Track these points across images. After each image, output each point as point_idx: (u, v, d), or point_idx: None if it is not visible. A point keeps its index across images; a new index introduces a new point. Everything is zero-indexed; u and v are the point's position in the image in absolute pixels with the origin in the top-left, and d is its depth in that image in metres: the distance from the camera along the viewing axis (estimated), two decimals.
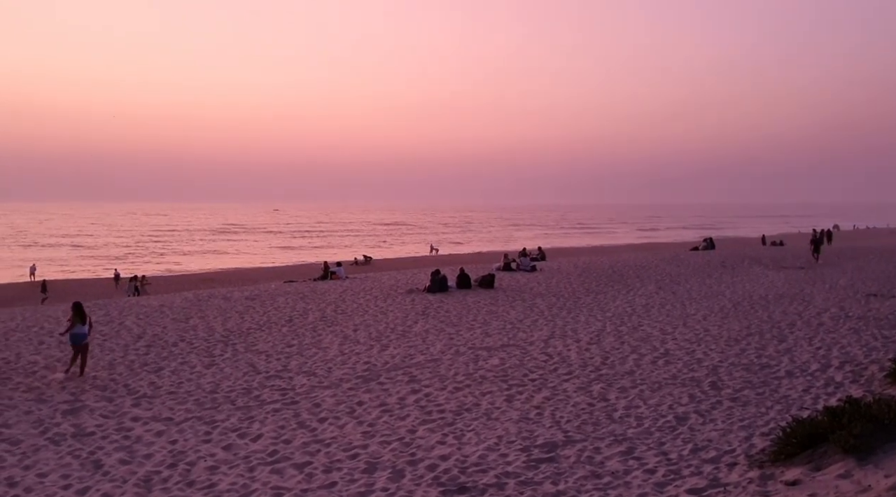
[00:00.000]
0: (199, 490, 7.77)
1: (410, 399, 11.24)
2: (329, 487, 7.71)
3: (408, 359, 14.30)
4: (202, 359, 14.79)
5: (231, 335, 17.38)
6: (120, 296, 34.83)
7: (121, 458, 8.85)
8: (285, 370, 13.61)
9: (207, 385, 12.60)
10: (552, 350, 14.83)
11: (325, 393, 11.81)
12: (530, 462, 8.27)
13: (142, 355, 15.22)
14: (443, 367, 13.41)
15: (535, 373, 12.83)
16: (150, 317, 20.17)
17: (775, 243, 52.28)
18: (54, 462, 8.79)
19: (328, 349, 15.50)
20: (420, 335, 16.90)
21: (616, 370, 12.92)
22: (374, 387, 12.13)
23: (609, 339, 16.00)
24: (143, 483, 8.03)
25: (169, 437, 9.70)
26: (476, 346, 15.49)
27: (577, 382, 12.06)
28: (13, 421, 10.58)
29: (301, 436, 9.57)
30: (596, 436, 9.19)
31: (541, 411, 10.38)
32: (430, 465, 8.26)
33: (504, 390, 11.62)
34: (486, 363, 13.70)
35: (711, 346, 14.93)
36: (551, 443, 8.93)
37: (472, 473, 7.95)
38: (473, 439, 9.16)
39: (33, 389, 12.43)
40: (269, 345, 16.15)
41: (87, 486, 7.95)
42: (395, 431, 9.60)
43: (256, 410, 10.91)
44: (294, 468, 8.34)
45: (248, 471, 8.32)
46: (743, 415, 9.90)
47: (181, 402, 11.48)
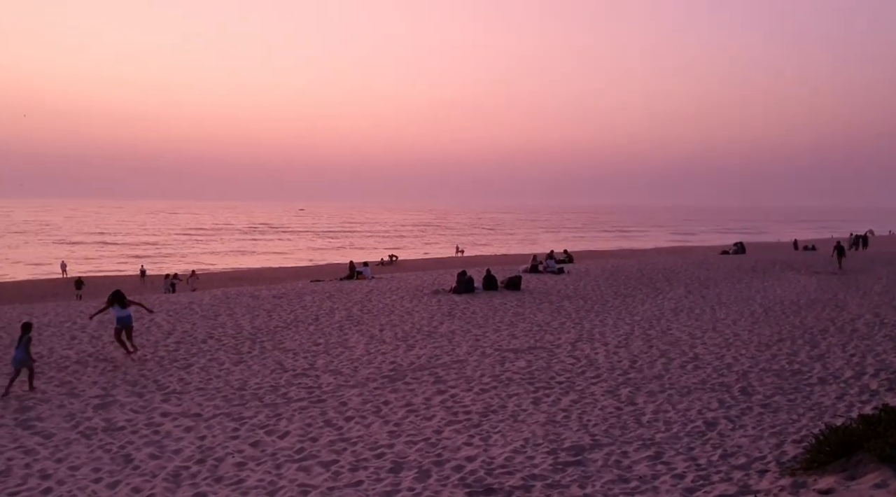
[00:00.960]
0: (227, 486, 7.83)
1: (436, 400, 11.23)
2: (355, 486, 7.72)
3: (434, 359, 14.29)
4: (230, 356, 14.92)
5: (259, 333, 17.51)
6: (147, 292, 35.31)
7: (150, 453, 8.95)
8: (312, 368, 13.68)
9: (235, 382, 12.70)
10: (579, 353, 14.73)
11: (352, 392, 11.84)
12: (557, 465, 8.21)
13: (171, 351, 15.39)
14: (469, 369, 13.38)
15: (562, 375, 12.74)
16: (179, 313, 20.40)
17: (807, 248, 51.46)
18: (86, 455, 8.92)
19: (354, 348, 15.55)
20: (446, 336, 16.89)
21: (644, 374, 12.79)
22: (399, 387, 12.13)
23: (637, 342, 15.85)
24: (172, 478, 8.11)
25: (198, 432, 9.79)
26: (502, 347, 15.43)
27: (605, 386, 11.95)
28: (46, 415, 10.75)
29: (327, 434, 9.60)
30: (624, 440, 9.09)
31: (568, 414, 10.31)
32: (456, 465, 8.24)
33: (531, 392, 11.56)
34: (512, 365, 13.64)
35: (742, 351, 14.72)
36: (578, 446, 8.86)
37: (499, 475, 7.91)
38: (500, 441, 9.11)
39: (65, 384, 12.63)
40: (296, 343, 16.25)
41: (118, 480, 8.05)
42: (421, 432, 9.59)
43: (283, 408, 10.97)
44: (321, 466, 8.36)
45: (275, 468, 8.36)
46: (774, 421, 9.74)
47: (210, 399, 11.58)
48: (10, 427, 10.14)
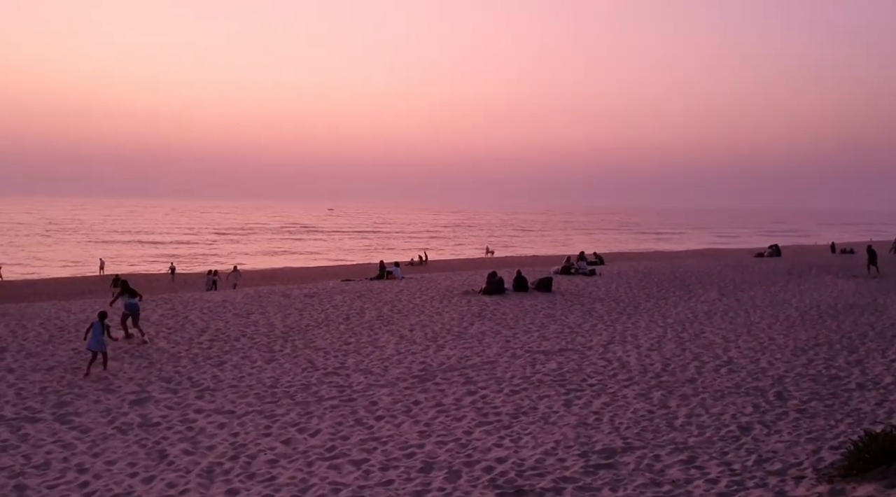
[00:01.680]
0: (259, 482, 7.91)
1: (466, 400, 11.22)
2: (386, 485, 7.74)
3: (464, 360, 14.28)
4: (263, 354, 15.07)
5: (290, 332, 17.66)
6: (181, 290, 35.80)
7: (184, 449, 9.08)
8: (343, 367, 13.75)
9: (268, 380, 12.82)
10: (611, 355, 14.61)
11: (382, 391, 11.88)
12: (588, 467, 8.15)
13: (205, 349, 15.59)
14: (499, 370, 13.35)
15: (593, 378, 12.65)
16: (213, 312, 20.65)
17: (845, 251, 50.43)
18: (121, 451, 9.07)
19: (384, 348, 15.60)
20: (476, 337, 16.87)
21: (677, 377, 12.64)
22: (430, 387, 12.14)
23: (670, 345, 15.67)
24: (206, 474, 8.21)
25: (231, 429, 9.91)
26: (533, 349, 15.37)
27: (637, 389, 11.84)
28: (83, 410, 10.96)
29: (358, 433, 9.65)
30: (656, 443, 9.00)
31: (599, 417, 10.23)
32: (486, 466, 8.22)
33: (562, 395, 11.49)
34: (543, 367, 13.57)
35: (777, 355, 14.48)
36: (610, 449, 8.78)
37: (530, 477, 7.88)
38: (531, 443, 9.08)
39: (102, 379, 12.86)
40: (326, 342, 16.35)
41: (153, 476, 8.18)
42: (452, 432, 9.59)
43: (315, 406, 11.05)
44: (351, 464, 8.41)
45: (306, 465, 8.43)
46: (811, 427, 9.56)
47: (242, 396, 11.71)
48: (48, 421, 10.35)
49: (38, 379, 12.85)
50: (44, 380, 12.80)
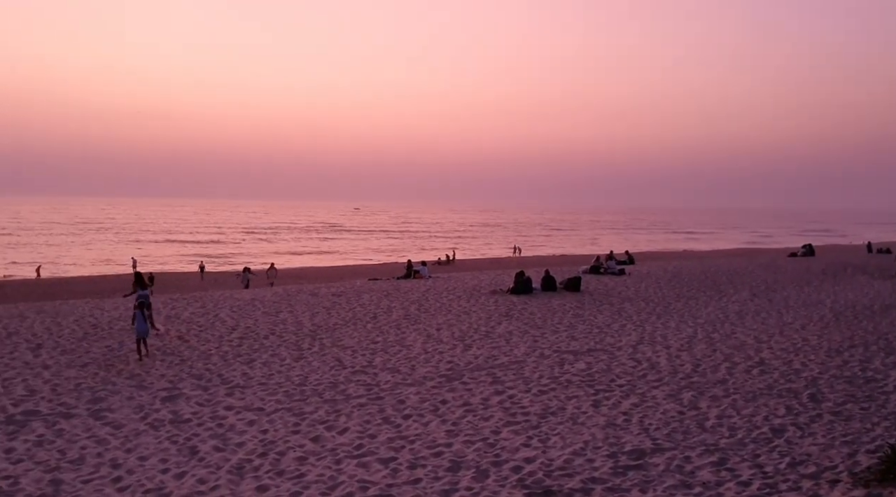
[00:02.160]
0: (288, 479, 7.97)
1: (494, 400, 11.19)
2: (414, 483, 7.75)
3: (491, 359, 14.25)
4: (291, 352, 15.18)
5: (318, 330, 17.77)
6: (211, 288, 36.21)
7: (215, 446, 9.17)
8: (370, 366, 13.80)
9: (296, 377, 12.92)
10: (641, 356, 14.47)
11: (409, 390, 11.90)
12: (617, 468, 8.08)
13: (235, 347, 15.75)
14: (527, 370, 13.29)
15: (622, 378, 12.54)
16: (242, 310, 20.86)
17: (882, 251, 49.43)
18: (154, 446, 9.20)
19: (412, 347, 15.63)
20: (504, 336, 16.82)
21: (708, 378, 12.48)
22: (457, 386, 12.13)
23: (700, 346, 15.49)
24: (236, 470, 8.29)
25: (260, 426, 9.99)
26: (561, 349, 15.28)
27: (667, 389, 11.72)
28: (116, 406, 11.13)
29: (386, 431, 9.67)
30: (686, 445, 8.89)
31: (628, 418, 10.14)
32: (514, 466, 8.19)
33: (590, 395, 11.41)
34: (571, 367, 13.49)
35: (811, 356, 14.23)
36: (639, 450, 8.70)
37: (558, 477, 7.83)
38: (559, 443, 9.02)
39: (135, 376, 13.05)
40: (354, 341, 16.42)
41: (184, 471, 8.28)
42: (479, 432, 9.57)
43: (343, 404, 11.10)
44: (379, 463, 8.43)
45: (334, 463, 8.47)
46: (846, 430, 9.38)
47: (272, 393, 11.81)
48: (83, 417, 10.53)
49: (72, 375, 13.08)
50: (78, 376, 13.03)
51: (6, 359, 14.36)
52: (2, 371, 13.36)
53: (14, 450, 9.09)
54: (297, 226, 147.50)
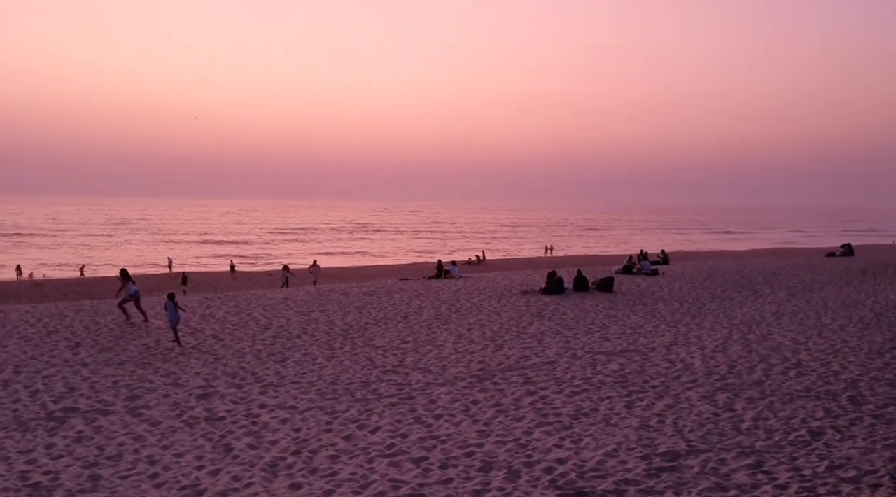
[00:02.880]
0: (321, 477, 8.02)
1: (526, 401, 11.14)
2: (445, 483, 7.75)
3: (523, 360, 14.19)
4: (323, 351, 15.29)
5: (350, 329, 17.87)
6: (245, 287, 36.64)
7: (249, 443, 9.27)
8: (401, 366, 13.83)
9: (328, 376, 13.00)
10: (675, 357, 14.30)
11: (441, 390, 11.90)
12: (651, 470, 7.99)
13: (268, 345, 15.91)
14: (559, 370, 13.22)
15: (656, 379, 12.41)
16: (275, 309, 21.06)
17: None
18: (189, 443, 9.33)
19: (443, 347, 15.63)
20: (535, 337, 16.75)
21: (743, 380, 12.29)
22: (488, 386, 12.11)
23: (736, 347, 15.26)
24: (270, 468, 8.38)
25: (293, 424, 10.08)
26: (594, 350, 15.17)
27: (702, 391, 11.56)
28: (153, 403, 11.31)
29: (417, 431, 9.69)
30: (721, 447, 8.77)
31: (662, 419, 10.02)
32: (546, 467, 8.15)
33: (623, 396, 11.30)
34: (604, 368, 13.38)
35: (850, 358, 13.93)
36: (673, 452, 8.60)
37: (591, 479, 7.77)
38: (591, 444, 8.95)
39: (171, 374, 13.26)
40: (385, 340, 16.48)
41: (219, 469, 8.38)
42: (511, 432, 9.53)
43: (374, 403, 11.15)
44: (411, 462, 8.44)
45: (366, 462, 8.50)
46: (887, 433, 9.16)
47: (304, 392, 11.90)
48: (120, 414, 10.72)
49: (110, 373, 13.33)
50: (116, 374, 13.27)
51: (46, 357, 14.69)
52: (42, 368, 13.66)
53: (54, 446, 9.29)
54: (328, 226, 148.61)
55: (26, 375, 13.13)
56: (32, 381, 12.68)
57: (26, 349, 15.40)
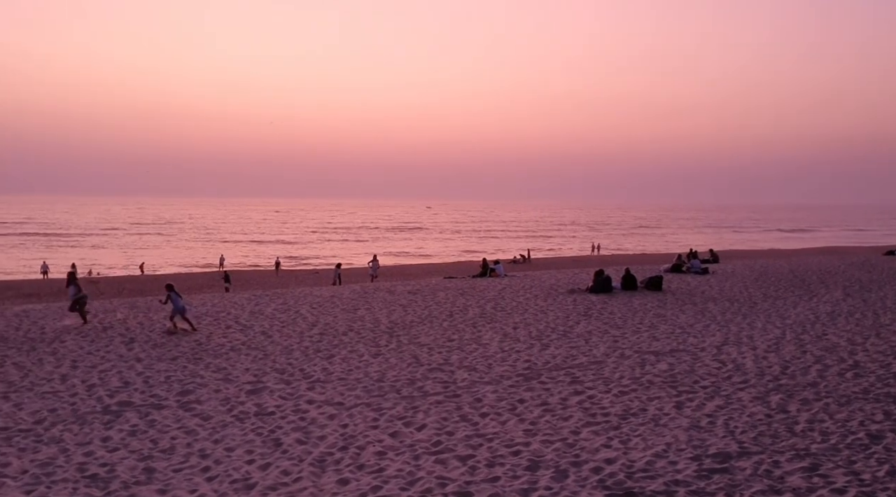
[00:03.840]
0: (368, 473, 8.07)
1: (573, 400, 11.04)
2: (492, 481, 7.72)
3: (570, 359, 14.07)
4: (369, 348, 15.40)
5: (395, 327, 17.96)
6: (292, 284, 37.15)
7: (297, 438, 9.39)
8: (447, 364, 13.84)
9: (374, 373, 13.08)
10: (725, 357, 14.01)
11: (486, 388, 11.87)
12: (702, 471, 7.84)
13: (315, 342, 16.09)
14: (607, 370, 13.06)
15: (706, 380, 12.17)
16: (322, 306, 21.30)
17: None
18: (240, 438, 9.48)
19: (488, 345, 15.59)
20: (582, 336, 16.59)
21: (797, 381, 11.97)
22: (535, 385, 12.03)
23: (789, 347, 14.87)
24: (318, 463, 8.46)
25: (340, 421, 10.17)
26: (642, 349, 14.95)
27: (754, 392, 11.30)
28: (204, 398, 11.54)
29: (463, 429, 9.68)
30: (775, 449, 8.55)
31: (713, 420, 9.82)
32: (594, 467, 8.06)
33: (673, 396, 11.11)
34: (653, 368, 13.18)
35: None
36: (725, 453, 8.42)
37: (639, 479, 7.66)
38: (640, 445, 8.82)
39: (221, 370, 13.50)
40: (430, 338, 16.51)
41: (269, 463, 8.50)
42: (558, 431, 9.45)
43: (420, 401, 11.17)
44: (457, 460, 8.44)
45: (413, 459, 8.53)
46: None
47: (351, 389, 12.00)
48: (173, 408, 10.96)
49: (163, 368, 13.65)
50: (168, 369, 13.58)
51: (102, 352, 15.12)
52: (98, 363, 14.06)
53: (110, 438, 9.55)
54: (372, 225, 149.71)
55: (83, 370, 13.54)
56: (89, 376, 13.06)
57: (83, 345, 15.88)
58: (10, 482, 8.01)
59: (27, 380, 12.84)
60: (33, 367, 13.76)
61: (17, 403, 11.31)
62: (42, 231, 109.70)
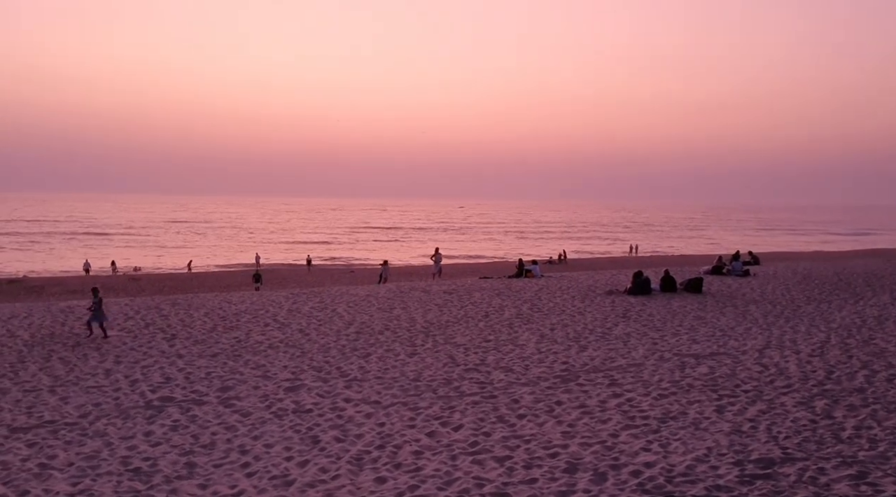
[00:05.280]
0: (405, 472, 8.08)
1: (612, 403, 10.91)
2: (530, 483, 7.67)
3: (608, 361, 13.92)
4: (405, 348, 15.43)
5: (431, 327, 17.97)
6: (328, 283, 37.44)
7: (335, 436, 9.44)
8: (483, 364, 13.80)
9: (410, 373, 13.11)
10: (767, 361, 13.73)
11: (523, 390, 11.81)
12: (744, 477, 7.68)
13: (352, 341, 16.19)
14: (646, 373, 12.90)
15: (748, 383, 11.94)
16: (358, 305, 21.42)
17: None
18: (278, 435, 9.57)
19: (525, 346, 15.51)
20: (621, 338, 16.41)
21: (843, 386, 11.68)
22: (572, 387, 11.93)
23: (834, 352, 14.52)
24: (355, 461, 8.50)
25: (377, 419, 10.20)
26: (682, 352, 14.74)
27: (797, 397, 11.05)
28: (244, 394, 11.68)
29: (500, 430, 9.63)
30: (820, 455, 8.35)
31: (755, 425, 9.63)
32: (633, 471, 7.95)
33: (714, 400, 10.92)
34: (693, 371, 12.98)
35: None
36: (768, 459, 8.24)
37: (680, 483, 7.54)
38: (680, 449, 8.69)
39: (260, 367, 13.66)
40: (466, 338, 16.49)
41: (307, 460, 8.57)
42: (596, 434, 9.36)
43: (456, 401, 11.15)
44: (494, 461, 8.40)
45: (450, 459, 8.51)
46: None
47: (387, 387, 12.03)
48: (213, 404, 11.11)
49: (203, 364, 13.85)
50: (209, 365, 13.78)
51: (144, 348, 15.41)
52: (141, 359, 14.34)
53: (153, 433, 9.72)
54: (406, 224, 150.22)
55: (126, 365, 13.81)
56: (132, 371, 13.32)
57: (126, 340, 16.20)
58: (57, 474, 8.20)
59: (73, 374, 13.14)
60: (78, 363, 14.08)
61: (63, 397, 11.58)
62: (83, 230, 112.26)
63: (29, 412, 10.74)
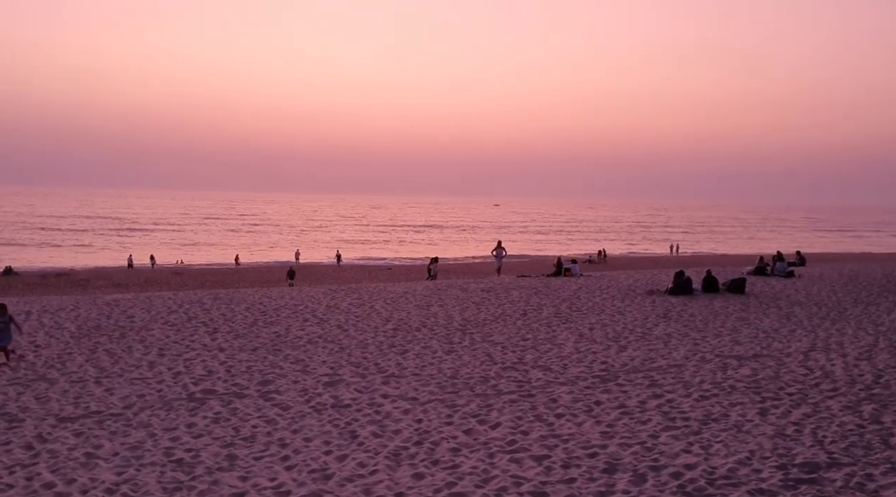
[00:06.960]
0: (443, 469, 8.09)
1: (651, 403, 10.77)
2: (568, 483, 7.61)
3: (648, 362, 13.75)
4: (442, 345, 15.45)
5: (468, 324, 17.96)
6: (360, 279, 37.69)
7: (373, 431, 9.49)
8: (521, 363, 13.74)
9: (448, 370, 13.11)
10: (813, 363, 13.43)
11: (562, 389, 11.73)
12: (788, 481, 7.52)
13: (389, 337, 16.26)
14: (687, 374, 12.71)
15: (792, 386, 11.68)
16: (395, 302, 21.51)
17: None
18: (317, 429, 9.66)
19: (563, 346, 15.41)
20: (661, 338, 16.19)
21: (892, 391, 11.36)
22: (612, 387, 11.81)
23: (883, 355, 14.13)
24: (393, 457, 8.53)
25: (414, 416, 10.22)
26: (724, 353, 14.49)
27: (844, 401, 10.78)
28: (283, 389, 11.81)
29: (538, 429, 9.58)
30: (868, 461, 8.13)
31: (800, 428, 9.42)
32: (673, 472, 7.84)
33: (756, 403, 10.71)
34: (735, 372, 12.75)
35: None
36: (813, 463, 8.06)
37: (721, 486, 7.41)
38: (722, 451, 8.54)
39: (299, 362, 13.80)
40: (504, 337, 16.44)
41: (345, 454, 8.63)
42: (636, 435, 9.25)
43: (494, 399, 11.13)
44: (532, 459, 8.36)
45: (487, 456, 8.49)
46: None
47: (425, 384, 12.06)
48: (254, 398, 11.26)
49: (244, 358, 14.05)
50: (249, 359, 13.97)
51: (187, 341, 15.68)
52: (183, 352, 14.60)
53: (195, 425, 9.88)
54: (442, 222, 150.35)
55: (169, 358, 14.07)
56: (175, 364, 13.57)
57: (169, 334, 16.51)
58: (103, 463, 8.39)
59: (117, 366, 13.44)
60: (123, 354, 14.39)
61: (108, 388, 11.84)
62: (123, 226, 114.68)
63: (76, 402, 11.01)
